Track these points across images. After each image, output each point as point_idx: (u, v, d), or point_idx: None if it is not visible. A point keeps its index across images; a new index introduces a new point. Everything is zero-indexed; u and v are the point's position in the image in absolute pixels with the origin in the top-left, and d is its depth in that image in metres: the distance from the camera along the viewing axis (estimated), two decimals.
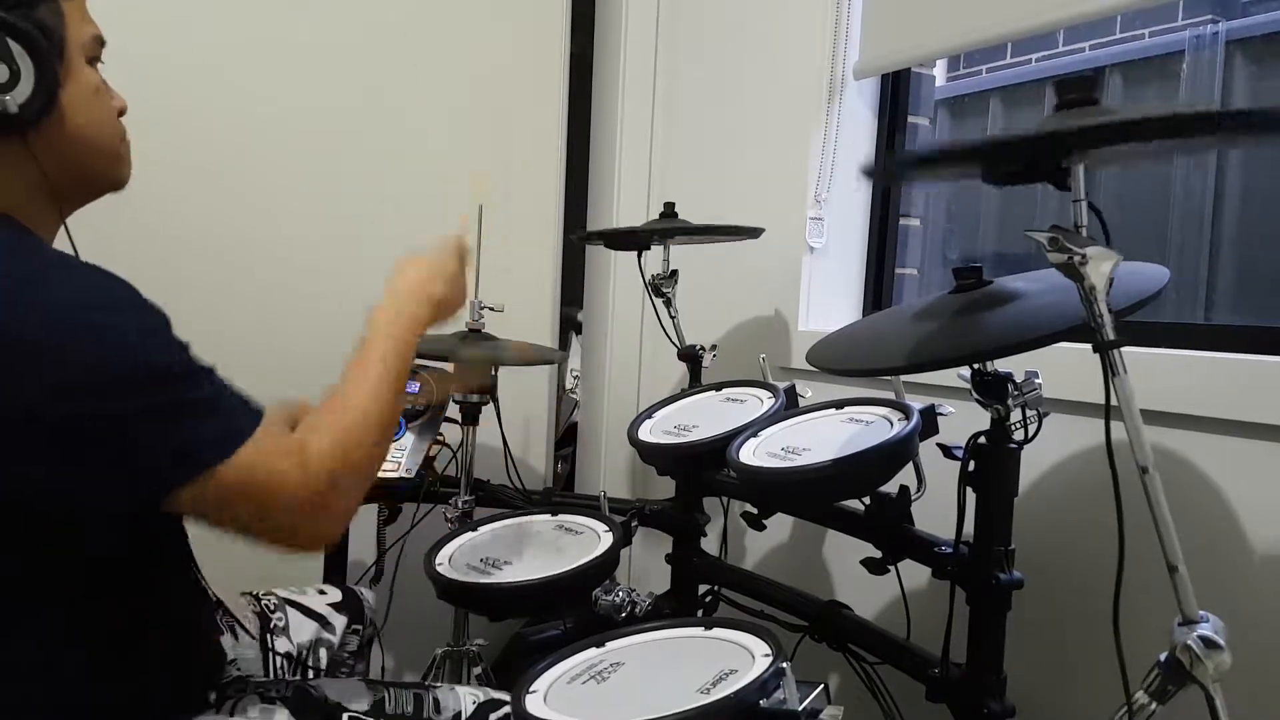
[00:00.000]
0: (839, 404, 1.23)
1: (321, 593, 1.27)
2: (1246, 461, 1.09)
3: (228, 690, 0.95)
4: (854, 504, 1.23)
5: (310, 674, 1.17)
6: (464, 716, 1.03)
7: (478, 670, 1.61)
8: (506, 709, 1.04)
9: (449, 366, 1.59)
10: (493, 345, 1.56)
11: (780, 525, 1.77)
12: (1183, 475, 1.14)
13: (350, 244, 1.95)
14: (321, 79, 1.88)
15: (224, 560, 1.06)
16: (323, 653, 1.20)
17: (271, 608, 1.18)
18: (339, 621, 1.25)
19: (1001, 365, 1.02)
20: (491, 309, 1.70)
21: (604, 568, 1.20)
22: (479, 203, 1.36)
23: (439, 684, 1.07)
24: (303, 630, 1.19)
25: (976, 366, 1.02)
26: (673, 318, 1.68)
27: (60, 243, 0.92)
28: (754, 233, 1.58)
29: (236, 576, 1.13)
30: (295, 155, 1.88)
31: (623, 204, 2.16)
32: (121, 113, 0.94)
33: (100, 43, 0.90)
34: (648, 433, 1.38)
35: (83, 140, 0.87)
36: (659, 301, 1.68)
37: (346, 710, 0.98)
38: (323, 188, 1.91)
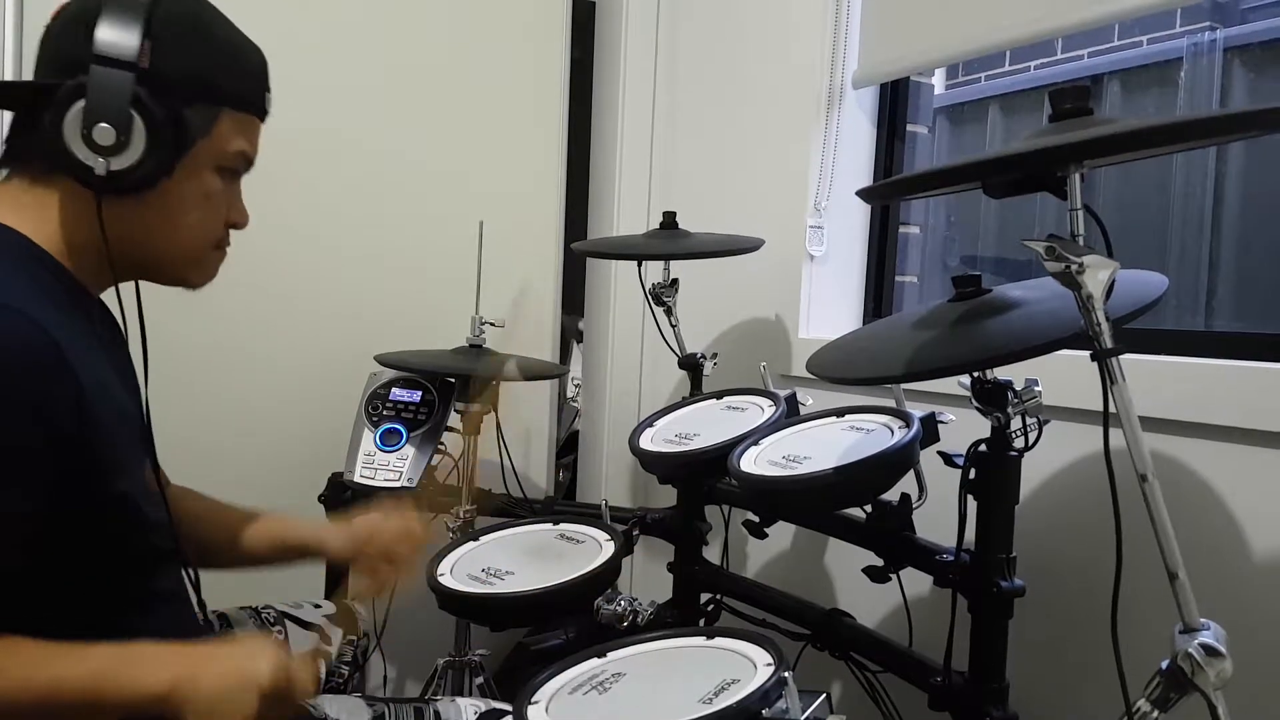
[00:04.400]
0: (840, 412, 1.23)
1: (316, 606, 1.28)
2: (1247, 468, 1.09)
3: None
4: (855, 512, 1.23)
5: None
6: None
7: (479, 680, 1.61)
8: (510, 718, 1.04)
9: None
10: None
11: (782, 533, 1.77)
12: (1184, 482, 1.14)
13: (351, 255, 1.95)
14: (321, 88, 1.89)
15: (223, 573, 1.07)
16: (320, 664, 1.20)
17: (271, 620, 1.18)
18: (335, 634, 1.25)
19: (1001, 373, 1.02)
20: (492, 324, 1.70)
21: (605, 577, 1.20)
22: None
23: (439, 697, 1.07)
24: (302, 643, 1.19)
25: (976, 374, 1.02)
26: (673, 326, 1.68)
27: None
28: (753, 246, 1.58)
29: (235, 589, 1.13)
30: (294, 165, 1.88)
31: (623, 213, 2.16)
32: (234, 225, 0.97)
33: (247, 162, 0.95)
34: (649, 441, 1.38)
35: (164, 231, 0.91)
36: (659, 310, 1.68)
37: None
38: (322, 198, 1.92)
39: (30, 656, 0.76)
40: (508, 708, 1.05)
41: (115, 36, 0.82)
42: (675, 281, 1.67)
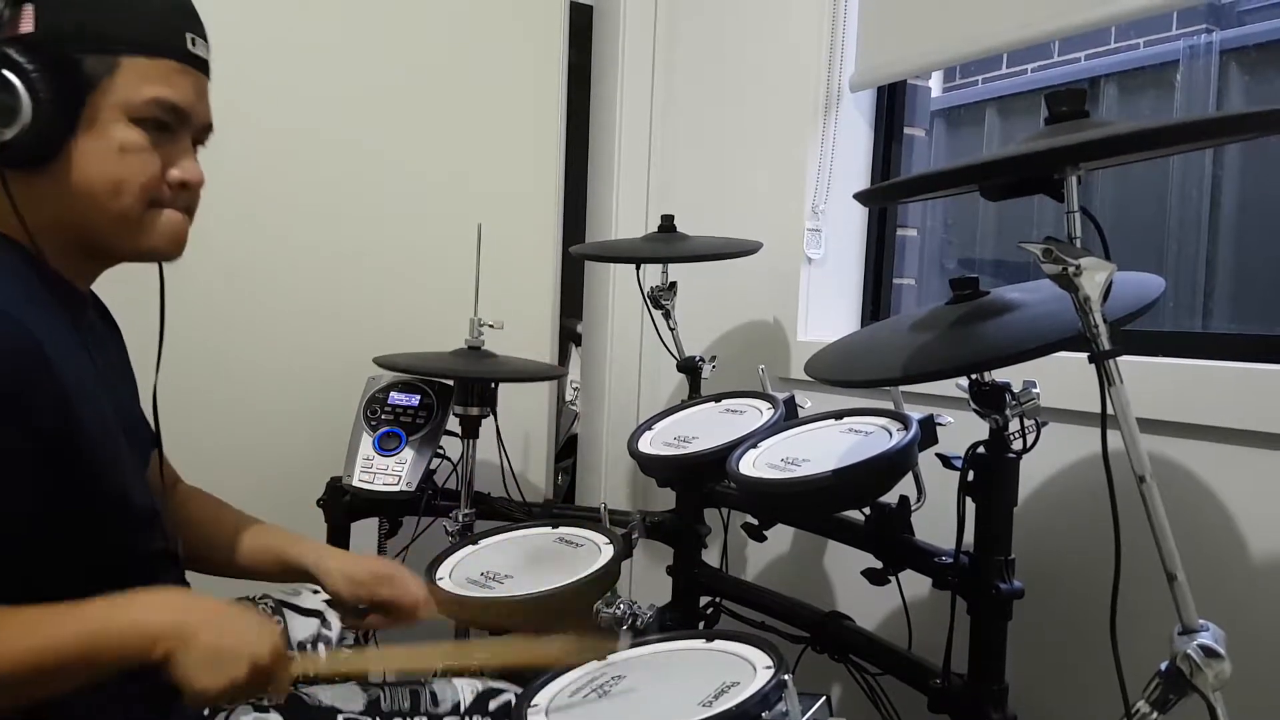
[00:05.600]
0: (838, 414, 1.23)
1: (315, 591, 1.27)
2: (1245, 469, 1.09)
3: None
4: (854, 514, 1.23)
5: None
6: (463, 706, 1.03)
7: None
8: (507, 696, 1.04)
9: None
10: None
11: (781, 536, 1.77)
12: (1182, 483, 1.14)
13: (349, 258, 1.95)
14: (320, 91, 1.89)
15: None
16: (321, 648, 1.20)
17: (270, 610, 1.18)
18: (334, 619, 1.25)
19: (999, 375, 1.03)
20: (491, 325, 1.70)
21: (605, 580, 1.20)
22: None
23: (435, 678, 1.07)
24: (302, 628, 1.19)
25: (974, 377, 1.02)
26: (672, 329, 1.68)
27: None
28: (751, 249, 1.58)
29: (233, 581, 1.13)
30: (293, 166, 1.88)
31: (621, 216, 2.16)
32: (184, 184, 0.90)
33: (172, 110, 0.88)
34: (648, 444, 1.38)
35: (85, 195, 0.85)
36: (658, 313, 1.68)
37: (341, 712, 0.98)
38: (320, 200, 1.92)
39: (27, 615, 0.76)
40: (505, 685, 1.05)
41: None
42: (674, 285, 1.67)
